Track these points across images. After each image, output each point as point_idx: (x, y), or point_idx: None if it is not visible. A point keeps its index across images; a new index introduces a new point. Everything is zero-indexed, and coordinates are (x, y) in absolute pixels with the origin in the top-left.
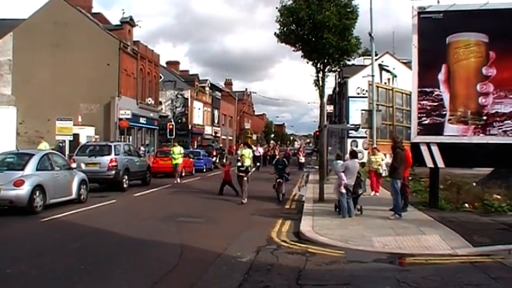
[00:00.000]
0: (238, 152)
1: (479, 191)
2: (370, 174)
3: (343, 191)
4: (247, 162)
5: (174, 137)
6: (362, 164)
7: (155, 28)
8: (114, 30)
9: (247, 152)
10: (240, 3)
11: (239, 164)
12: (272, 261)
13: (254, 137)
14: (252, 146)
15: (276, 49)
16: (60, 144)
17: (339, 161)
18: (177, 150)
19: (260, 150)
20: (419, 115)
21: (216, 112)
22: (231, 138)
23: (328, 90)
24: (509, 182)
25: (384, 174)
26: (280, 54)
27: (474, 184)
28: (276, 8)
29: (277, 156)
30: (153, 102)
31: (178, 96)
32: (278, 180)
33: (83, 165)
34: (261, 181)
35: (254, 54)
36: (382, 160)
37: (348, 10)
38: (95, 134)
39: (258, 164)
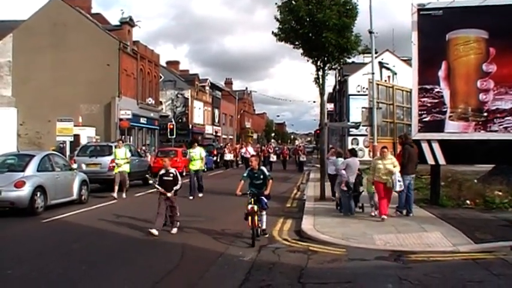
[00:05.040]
0: (188, 154)
1: (480, 187)
2: (378, 187)
3: (345, 188)
4: (197, 165)
5: (174, 136)
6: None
7: (155, 29)
8: (114, 31)
9: (196, 153)
10: (238, 4)
11: (162, 171)
12: (274, 260)
13: (255, 135)
14: (241, 146)
15: (276, 49)
16: (61, 145)
17: (339, 159)
18: (121, 153)
19: (250, 151)
20: (419, 112)
21: (216, 111)
22: (231, 137)
23: (329, 88)
24: (510, 179)
25: (398, 189)
26: (280, 54)
27: (475, 181)
28: (276, 3)
29: (252, 157)
30: (153, 102)
31: (178, 96)
32: (251, 208)
33: (83, 166)
34: None
35: (254, 54)
36: (395, 167)
37: (348, 8)
38: (96, 135)
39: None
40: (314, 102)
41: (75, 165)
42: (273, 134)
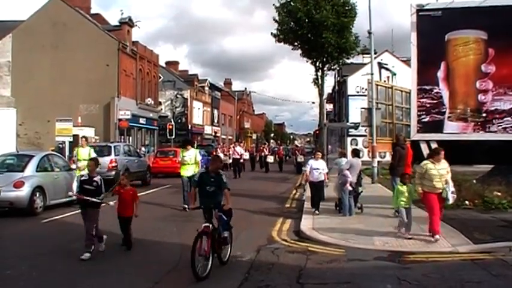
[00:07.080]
0: (179, 157)
1: (479, 188)
2: (431, 199)
3: (350, 188)
4: (191, 170)
5: (174, 136)
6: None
7: (154, 30)
8: (113, 31)
9: (190, 156)
10: (238, 5)
11: (84, 177)
12: (273, 260)
13: (254, 136)
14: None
15: (275, 50)
16: (60, 145)
17: (343, 159)
18: (85, 153)
19: (238, 151)
20: (418, 113)
21: (215, 112)
22: (230, 137)
23: (328, 88)
24: (509, 179)
25: (451, 201)
26: (280, 55)
27: (474, 181)
28: (273, 5)
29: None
30: (152, 102)
31: (177, 96)
32: (204, 226)
33: None
34: (260, 180)
35: (253, 55)
36: (448, 173)
37: (346, 8)
38: (95, 135)
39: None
40: (313, 103)
41: (74, 166)
42: (272, 135)
